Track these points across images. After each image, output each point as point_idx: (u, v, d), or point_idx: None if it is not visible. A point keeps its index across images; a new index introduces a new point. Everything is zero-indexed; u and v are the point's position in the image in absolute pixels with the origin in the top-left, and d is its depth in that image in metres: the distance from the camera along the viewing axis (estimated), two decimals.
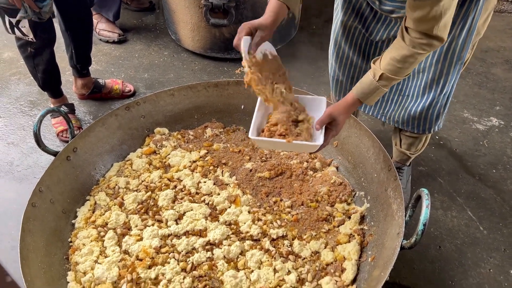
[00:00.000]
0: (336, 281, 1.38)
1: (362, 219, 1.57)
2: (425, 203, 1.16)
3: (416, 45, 1.20)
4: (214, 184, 1.70)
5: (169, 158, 1.81)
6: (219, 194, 1.66)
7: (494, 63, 2.92)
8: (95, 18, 3.08)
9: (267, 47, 1.44)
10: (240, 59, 1.32)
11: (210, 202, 1.63)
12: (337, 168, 1.78)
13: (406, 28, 1.20)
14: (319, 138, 1.32)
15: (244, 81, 1.33)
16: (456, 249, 1.80)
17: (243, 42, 1.31)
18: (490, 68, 2.88)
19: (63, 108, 2.28)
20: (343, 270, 1.42)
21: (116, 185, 1.69)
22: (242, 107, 1.95)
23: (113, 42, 3.09)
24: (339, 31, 1.66)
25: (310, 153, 1.38)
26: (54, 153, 1.58)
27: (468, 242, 1.83)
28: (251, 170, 1.75)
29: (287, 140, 1.29)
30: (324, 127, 1.34)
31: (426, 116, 1.64)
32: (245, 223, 1.55)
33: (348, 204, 1.62)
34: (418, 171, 2.14)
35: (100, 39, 3.10)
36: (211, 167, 1.77)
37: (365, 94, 1.32)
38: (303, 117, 1.40)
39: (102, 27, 3.08)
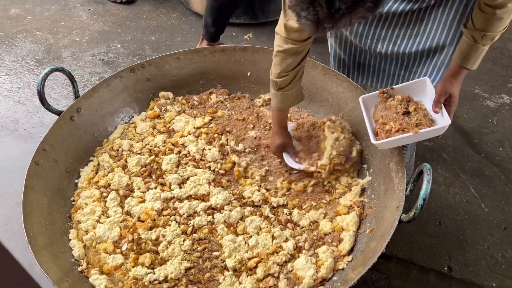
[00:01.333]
0: (333, 251, 1.40)
1: (363, 191, 1.57)
2: (427, 178, 1.15)
3: None
4: (219, 152, 1.69)
5: (173, 123, 1.80)
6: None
7: (511, 39, 2.83)
8: None
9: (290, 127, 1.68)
10: (249, 25, 1.31)
11: (215, 169, 1.63)
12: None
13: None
14: (445, 118, 1.30)
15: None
16: (455, 225, 1.81)
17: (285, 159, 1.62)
18: (506, 44, 2.79)
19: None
20: (340, 241, 1.43)
21: (119, 147, 1.70)
22: (249, 74, 1.92)
23: (121, 3, 3.03)
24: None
25: (437, 137, 1.38)
26: (58, 113, 1.58)
27: (468, 219, 1.83)
28: (255, 138, 1.74)
29: (414, 132, 1.28)
30: (443, 106, 1.32)
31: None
32: (248, 189, 1.56)
33: (352, 178, 1.62)
34: (423, 146, 2.12)
35: None
36: (216, 135, 1.77)
37: (470, 59, 1.32)
38: (414, 106, 1.39)
39: None
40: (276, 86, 1.45)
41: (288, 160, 1.62)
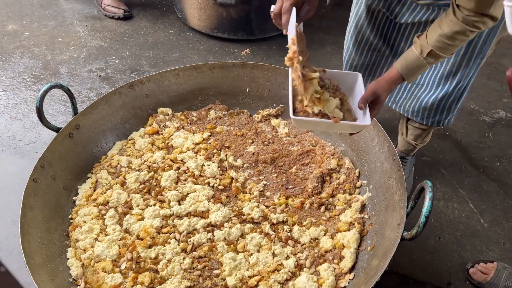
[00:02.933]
0: (334, 268, 1.39)
1: (363, 208, 1.57)
2: (428, 195, 1.15)
3: (469, 23, 1.15)
4: (218, 168, 1.69)
5: (172, 139, 1.80)
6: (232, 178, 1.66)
7: (505, 54, 2.88)
8: None
9: (300, 25, 1.32)
10: (246, 41, 1.28)
11: (214, 185, 1.62)
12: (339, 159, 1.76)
13: (458, 6, 1.16)
14: (366, 118, 1.26)
15: (287, 57, 1.20)
16: (455, 241, 1.80)
17: (292, 14, 1.20)
18: (500, 59, 2.83)
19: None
20: (341, 258, 1.42)
21: (118, 163, 1.69)
22: (247, 90, 1.93)
23: (119, 18, 3.05)
24: (362, 14, 1.62)
25: (351, 134, 1.34)
26: (57, 129, 1.57)
27: (468, 234, 1.83)
28: (253, 154, 1.74)
29: (334, 121, 1.21)
30: (367, 107, 1.28)
31: (437, 108, 1.61)
32: (247, 206, 1.55)
33: (350, 194, 1.62)
34: (421, 161, 2.13)
35: (106, 15, 3.06)
36: (215, 150, 1.76)
37: (410, 70, 1.28)
38: (340, 97, 1.32)
39: (108, 3, 3.04)
40: None
41: (293, 17, 1.23)
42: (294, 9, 1.21)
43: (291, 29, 1.18)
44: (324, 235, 1.49)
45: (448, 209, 1.92)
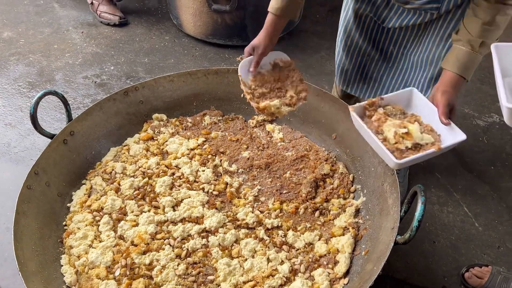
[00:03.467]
0: (329, 273, 1.39)
1: (358, 212, 1.57)
2: (421, 199, 1.16)
3: (500, 5, 1.19)
4: (213, 173, 1.69)
5: (166, 145, 1.80)
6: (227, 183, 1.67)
7: None
8: (97, 0, 3.04)
9: (278, 56, 1.49)
10: (241, 47, 1.36)
11: (209, 190, 1.62)
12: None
13: None
14: (455, 130, 1.27)
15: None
16: (450, 245, 1.81)
17: (239, 67, 1.44)
18: (493, 63, 2.85)
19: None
20: (336, 263, 1.42)
21: (112, 170, 1.69)
22: (242, 95, 1.93)
23: (114, 25, 3.06)
24: (350, 18, 1.64)
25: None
26: (51, 136, 1.57)
27: (463, 238, 1.84)
28: (248, 159, 1.74)
29: (436, 148, 1.24)
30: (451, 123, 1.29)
31: None
32: (242, 211, 1.55)
33: (345, 199, 1.62)
34: (416, 165, 2.14)
35: (101, 22, 3.07)
36: (209, 156, 1.77)
37: (467, 67, 1.29)
38: (414, 119, 1.34)
39: (103, 9, 3.05)
40: None
41: (244, 64, 1.53)
42: (243, 61, 1.52)
43: (241, 80, 1.53)
44: (319, 240, 1.49)
45: (443, 213, 1.93)
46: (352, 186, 1.65)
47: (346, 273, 1.40)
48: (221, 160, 1.75)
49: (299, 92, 1.54)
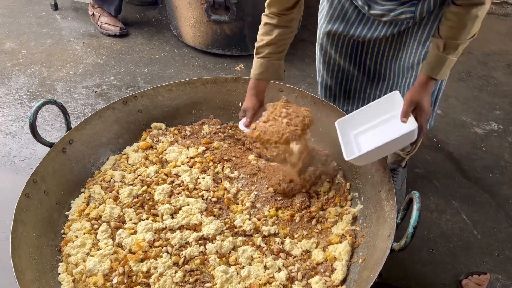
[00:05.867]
0: (326, 281, 1.39)
1: (355, 220, 1.57)
2: (416, 206, 1.16)
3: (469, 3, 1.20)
4: (213, 180, 1.70)
5: (166, 153, 1.81)
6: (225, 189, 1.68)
7: (496, 67, 2.92)
8: (97, 12, 3.08)
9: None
10: (241, 56, 1.39)
11: (208, 197, 1.63)
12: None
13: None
14: (411, 123, 1.32)
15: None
16: (449, 253, 1.80)
17: (239, 124, 1.61)
18: (491, 72, 2.87)
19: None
20: (333, 270, 1.42)
21: (111, 178, 1.70)
22: (240, 104, 1.94)
23: (115, 36, 3.09)
24: (323, 37, 1.67)
25: (412, 144, 1.41)
26: (50, 145, 1.58)
27: (461, 246, 1.83)
28: (256, 162, 1.77)
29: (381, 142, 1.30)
30: (411, 116, 1.34)
31: None
32: (239, 218, 1.55)
33: (341, 207, 1.62)
34: (414, 173, 2.14)
35: (102, 33, 3.11)
36: (211, 164, 1.78)
37: (433, 68, 1.32)
38: None
39: (104, 21, 3.09)
40: (254, 51, 1.55)
41: (241, 123, 1.65)
42: (241, 121, 1.66)
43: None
44: (316, 247, 1.49)
45: (441, 221, 1.93)
46: (349, 194, 1.66)
47: (343, 281, 1.40)
48: (223, 167, 1.76)
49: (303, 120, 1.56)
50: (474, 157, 2.25)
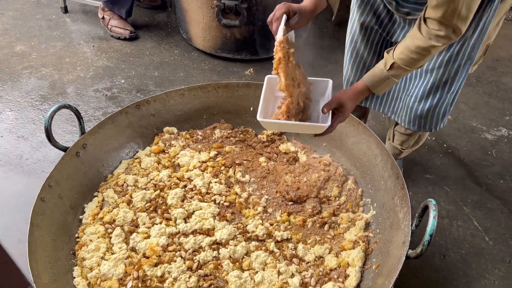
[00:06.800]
0: (339, 287, 1.39)
1: (368, 226, 1.57)
2: (432, 214, 1.16)
3: (432, 37, 1.18)
4: (225, 184, 1.71)
5: (178, 157, 1.82)
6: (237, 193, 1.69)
7: (505, 72, 2.91)
8: (108, 15, 3.10)
9: (290, 33, 1.42)
10: (250, 61, 1.35)
11: (220, 202, 1.64)
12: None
13: (425, 19, 1.19)
14: (327, 120, 1.34)
15: (273, 60, 1.30)
16: (461, 259, 1.80)
17: (282, 21, 1.30)
18: (501, 77, 2.86)
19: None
20: (346, 277, 1.42)
21: (124, 182, 1.71)
22: (251, 109, 1.95)
23: (125, 39, 3.11)
24: (356, 31, 1.66)
25: (315, 135, 1.42)
26: (64, 149, 1.59)
27: (473, 252, 1.83)
28: (266, 164, 1.78)
29: (294, 121, 1.33)
30: (331, 112, 1.35)
31: (432, 115, 1.65)
32: (252, 223, 1.56)
33: (353, 212, 1.62)
34: (424, 178, 2.14)
35: (112, 36, 3.12)
36: (222, 168, 1.78)
37: (375, 82, 1.33)
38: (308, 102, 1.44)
39: (114, 24, 3.10)
40: None
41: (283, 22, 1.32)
42: (284, 17, 1.31)
43: (279, 34, 1.29)
44: (329, 253, 1.50)
45: (452, 227, 1.92)
46: (361, 200, 1.66)
47: (357, 287, 1.40)
48: (234, 171, 1.77)
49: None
50: (485, 163, 2.24)
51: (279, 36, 1.28)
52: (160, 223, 1.56)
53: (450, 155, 2.28)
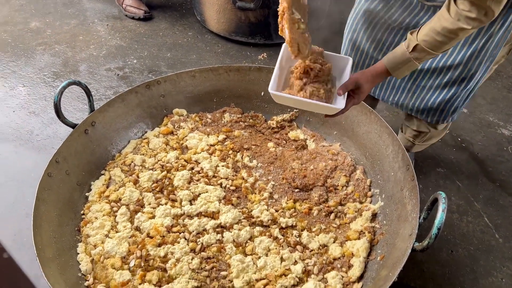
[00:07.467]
0: (342, 277, 1.37)
1: (374, 217, 1.55)
2: (442, 207, 1.13)
3: (461, 18, 1.12)
4: (232, 168, 1.69)
5: (186, 140, 1.81)
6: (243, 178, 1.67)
7: None
8: None
9: None
10: (264, 45, 1.31)
11: (226, 186, 1.63)
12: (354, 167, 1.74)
13: (455, 0, 1.13)
14: (341, 102, 1.29)
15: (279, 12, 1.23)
16: (468, 255, 1.77)
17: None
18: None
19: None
20: (350, 266, 1.40)
21: (132, 162, 1.70)
22: (262, 93, 1.93)
23: (139, 19, 3.09)
24: (360, 19, 1.61)
25: (326, 116, 1.38)
26: (73, 125, 1.59)
27: (482, 249, 1.79)
28: (273, 153, 1.76)
29: (305, 97, 1.29)
30: (346, 93, 1.30)
31: (444, 108, 1.61)
32: (257, 208, 1.54)
33: (361, 203, 1.60)
34: (436, 172, 2.10)
35: (126, 15, 3.10)
36: (230, 152, 1.77)
37: (396, 64, 1.27)
38: (328, 79, 1.38)
39: (128, 3, 3.08)
40: None
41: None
42: None
43: None
44: (334, 242, 1.48)
45: (462, 222, 1.89)
46: (370, 190, 1.63)
47: (360, 278, 1.38)
48: (242, 156, 1.75)
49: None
50: (500, 159, 2.19)
51: None
52: (166, 204, 1.55)
53: (464, 150, 2.23)
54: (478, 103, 2.52)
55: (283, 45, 1.40)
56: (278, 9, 1.21)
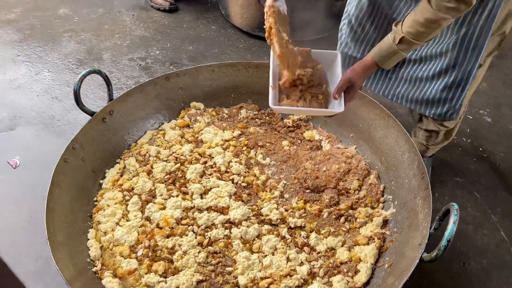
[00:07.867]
0: (348, 282, 1.36)
1: (385, 223, 1.53)
2: (453, 218, 1.11)
3: (442, 8, 1.17)
4: (245, 165, 1.70)
5: (202, 133, 1.82)
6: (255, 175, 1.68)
7: None
8: None
9: (281, 4, 1.41)
10: None
11: (238, 182, 1.63)
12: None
13: None
14: (340, 104, 1.34)
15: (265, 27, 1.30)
16: (481, 269, 1.72)
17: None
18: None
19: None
20: (356, 272, 1.39)
21: (147, 152, 1.73)
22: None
23: (164, 10, 3.11)
24: (363, 6, 1.63)
25: (326, 116, 1.41)
26: (91, 113, 1.62)
27: (495, 263, 1.74)
28: (287, 152, 1.75)
29: (305, 106, 1.33)
30: (343, 94, 1.35)
31: (439, 99, 1.60)
32: (266, 206, 1.54)
33: (373, 208, 1.58)
34: (454, 181, 2.05)
35: (152, 6, 3.13)
36: (244, 148, 1.77)
37: (383, 57, 1.32)
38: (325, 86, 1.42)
39: None
40: None
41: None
42: None
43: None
44: (342, 246, 1.47)
45: (477, 235, 1.84)
46: (382, 196, 1.60)
47: (366, 284, 1.36)
48: (256, 153, 1.75)
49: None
50: None
51: (268, 0, 1.29)
52: (177, 196, 1.57)
53: (484, 160, 2.17)
54: (503, 112, 2.44)
55: (271, 56, 1.43)
56: (264, 26, 1.28)
